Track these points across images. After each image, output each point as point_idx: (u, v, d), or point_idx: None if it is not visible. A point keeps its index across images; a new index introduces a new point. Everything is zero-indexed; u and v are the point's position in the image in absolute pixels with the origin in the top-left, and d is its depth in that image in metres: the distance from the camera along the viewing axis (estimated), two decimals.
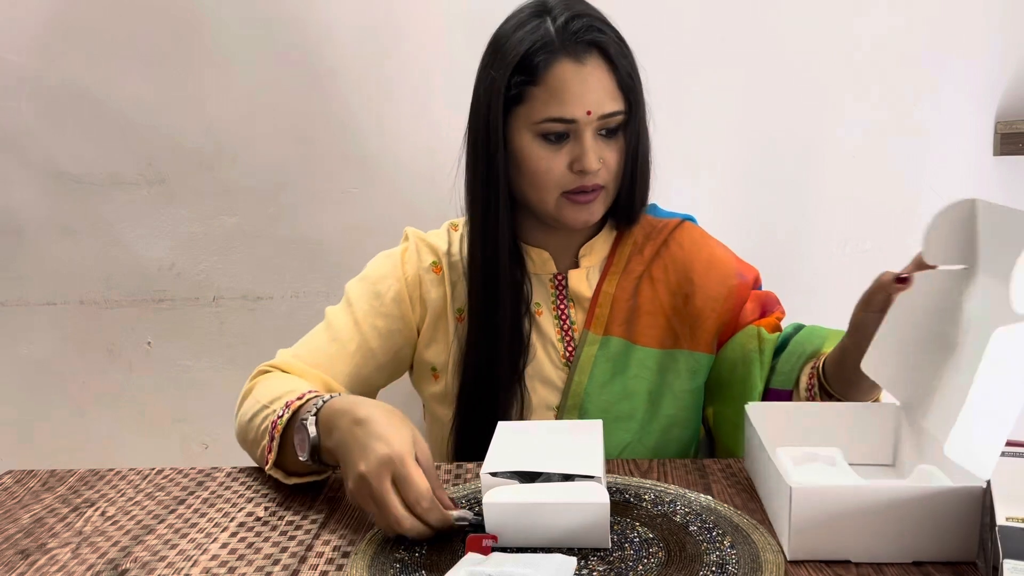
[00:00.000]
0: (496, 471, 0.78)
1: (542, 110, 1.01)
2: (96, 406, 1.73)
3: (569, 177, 1.03)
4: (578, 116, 1.00)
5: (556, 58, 1.00)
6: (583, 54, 1.00)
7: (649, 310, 1.11)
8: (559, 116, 1.00)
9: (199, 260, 1.67)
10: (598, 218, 1.07)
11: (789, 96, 1.59)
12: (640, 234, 1.14)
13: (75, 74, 1.60)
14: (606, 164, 1.04)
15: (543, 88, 1.01)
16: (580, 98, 1.00)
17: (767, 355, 1.09)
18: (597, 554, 0.75)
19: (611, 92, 1.01)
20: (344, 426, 0.83)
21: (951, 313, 0.82)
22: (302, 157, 1.62)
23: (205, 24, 1.57)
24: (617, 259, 1.13)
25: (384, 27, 1.57)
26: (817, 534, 0.72)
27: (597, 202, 1.05)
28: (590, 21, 1.02)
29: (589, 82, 1.00)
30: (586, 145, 1.01)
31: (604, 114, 1.01)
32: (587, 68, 1.00)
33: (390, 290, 1.11)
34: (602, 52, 1.01)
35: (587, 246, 1.13)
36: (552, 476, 0.78)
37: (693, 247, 1.13)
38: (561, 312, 1.12)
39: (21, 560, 0.80)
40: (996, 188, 1.63)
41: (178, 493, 0.94)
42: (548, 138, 1.02)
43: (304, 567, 0.76)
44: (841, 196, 1.62)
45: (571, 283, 1.12)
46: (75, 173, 1.64)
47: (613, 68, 1.01)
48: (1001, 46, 1.57)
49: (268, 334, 1.68)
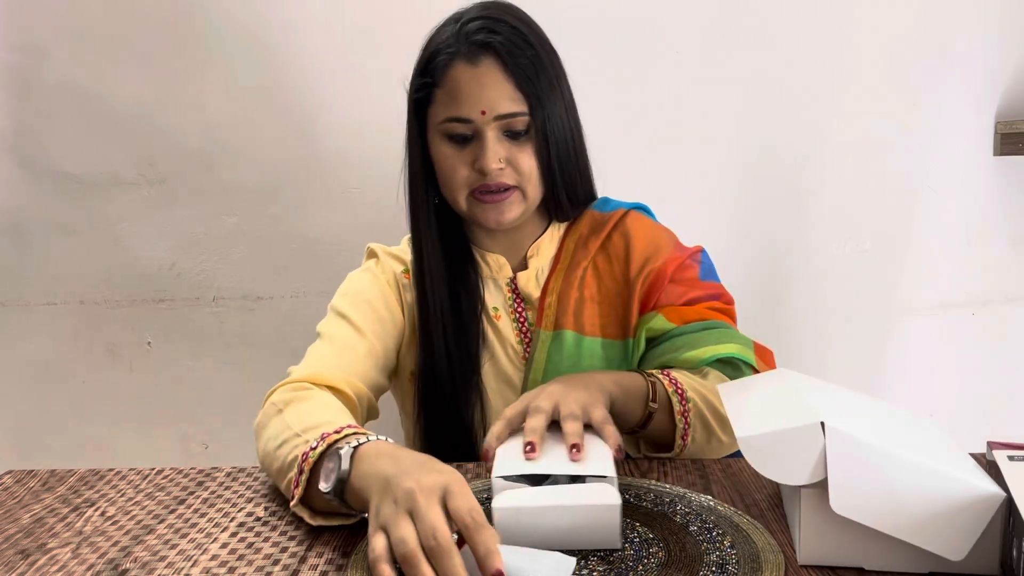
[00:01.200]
0: (506, 475, 0.77)
1: (443, 111, 1.04)
2: (96, 406, 1.73)
3: (474, 176, 1.05)
4: (473, 116, 1.02)
5: (452, 60, 1.03)
6: (477, 55, 1.02)
7: (595, 299, 1.11)
8: (456, 116, 1.03)
9: (199, 260, 1.67)
10: (514, 217, 1.07)
11: (789, 96, 1.59)
12: (586, 229, 1.14)
13: (75, 74, 1.60)
14: (513, 165, 1.04)
15: (443, 90, 1.04)
16: (474, 98, 1.02)
17: (641, 340, 1.08)
18: (597, 554, 0.75)
19: (508, 93, 1.02)
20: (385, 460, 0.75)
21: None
22: (302, 157, 1.62)
23: (205, 24, 1.57)
24: (563, 255, 1.14)
25: (384, 27, 1.57)
26: (829, 538, 0.71)
27: (510, 202, 1.06)
28: (487, 23, 1.03)
29: (483, 81, 1.02)
30: (486, 145, 1.03)
31: (500, 115, 1.02)
32: (480, 69, 1.02)
33: (377, 297, 1.13)
34: (496, 54, 1.02)
35: (534, 246, 1.14)
36: (560, 478, 0.78)
37: (634, 235, 1.12)
38: (518, 314, 1.13)
39: (21, 560, 0.80)
40: (996, 188, 1.63)
41: (178, 493, 0.94)
42: (454, 139, 1.05)
43: (304, 567, 0.76)
44: (841, 196, 1.62)
45: (520, 284, 1.13)
46: (75, 173, 1.64)
47: (509, 70, 1.02)
48: (1001, 46, 1.57)
49: (268, 334, 1.68)
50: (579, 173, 1.11)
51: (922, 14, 1.56)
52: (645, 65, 1.58)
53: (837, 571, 0.72)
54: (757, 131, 1.60)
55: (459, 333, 1.10)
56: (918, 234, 1.64)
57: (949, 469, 0.68)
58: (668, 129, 1.60)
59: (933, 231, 1.64)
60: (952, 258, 1.65)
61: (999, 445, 0.76)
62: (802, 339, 1.65)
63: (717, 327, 1.07)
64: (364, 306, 1.12)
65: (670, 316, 1.08)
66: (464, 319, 1.10)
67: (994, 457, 0.73)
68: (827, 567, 0.72)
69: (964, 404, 1.68)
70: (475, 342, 1.11)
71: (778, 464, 0.70)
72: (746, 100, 1.59)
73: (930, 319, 1.67)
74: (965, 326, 1.68)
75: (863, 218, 1.63)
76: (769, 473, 0.71)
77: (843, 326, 1.67)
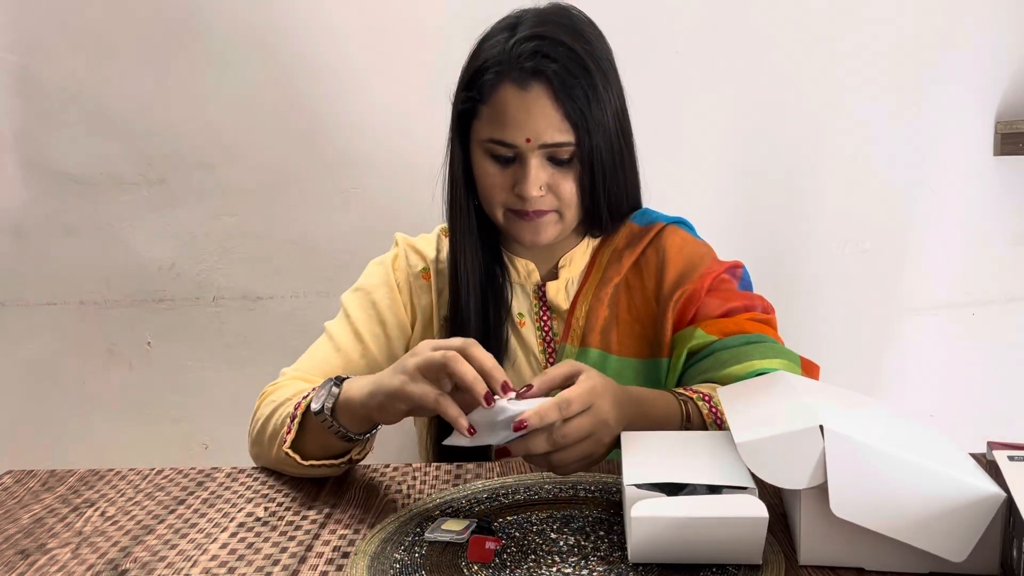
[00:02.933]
0: (640, 483, 0.73)
1: (487, 130, 1.01)
2: (96, 406, 1.73)
3: (513, 198, 1.03)
4: (518, 142, 0.99)
5: (501, 81, 0.99)
6: (528, 80, 0.97)
7: (625, 319, 1.09)
8: (500, 139, 1.00)
9: (199, 260, 1.67)
10: (550, 239, 1.05)
11: (789, 96, 1.59)
12: (621, 242, 1.11)
13: (75, 74, 1.60)
14: (555, 191, 1.02)
15: (489, 107, 1.00)
16: (521, 125, 0.98)
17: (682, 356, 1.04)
18: (597, 554, 0.75)
19: (555, 123, 0.98)
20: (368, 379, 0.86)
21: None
22: (302, 157, 1.62)
23: (205, 24, 1.57)
24: (596, 269, 1.11)
25: (384, 27, 1.57)
26: (829, 539, 0.71)
27: (547, 223, 1.04)
28: (542, 45, 0.98)
29: (532, 110, 0.97)
30: (528, 171, 0.99)
31: (546, 143, 0.99)
32: (530, 96, 0.97)
33: (385, 298, 1.12)
34: (548, 81, 0.97)
35: (566, 257, 1.12)
36: (699, 488, 0.73)
37: (669, 251, 1.09)
38: (543, 323, 1.11)
39: (21, 560, 0.80)
40: (996, 188, 1.63)
41: (178, 493, 0.94)
42: (496, 158, 1.02)
43: (304, 567, 0.76)
44: (841, 196, 1.62)
45: (549, 294, 1.11)
46: (75, 173, 1.64)
47: (558, 99, 0.97)
48: (1001, 46, 1.57)
49: (268, 334, 1.68)
50: (624, 190, 1.08)
51: (922, 14, 1.56)
52: (645, 65, 1.58)
53: (837, 571, 0.72)
54: (757, 131, 1.60)
55: (485, 336, 1.07)
56: (918, 234, 1.64)
57: (949, 470, 0.68)
58: (668, 129, 1.60)
59: (933, 231, 1.64)
60: (952, 258, 1.65)
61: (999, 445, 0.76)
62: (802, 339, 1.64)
63: (762, 341, 1.02)
64: (369, 308, 1.12)
65: (709, 329, 1.03)
66: (490, 322, 1.08)
67: (994, 457, 0.73)
68: (827, 567, 0.72)
69: (964, 404, 1.68)
70: (499, 347, 1.09)
71: (778, 468, 0.70)
72: (746, 100, 1.59)
73: (930, 319, 1.67)
74: (965, 326, 1.68)
75: (863, 218, 1.63)
76: (769, 478, 0.70)
77: (843, 326, 1.67)
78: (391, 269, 1.14)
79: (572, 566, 0.73)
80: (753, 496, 0.71)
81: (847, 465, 0.68)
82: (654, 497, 0.72)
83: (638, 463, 0.77)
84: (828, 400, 0.79)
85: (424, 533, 0.79)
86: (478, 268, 1.08)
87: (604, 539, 0.78)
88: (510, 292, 1.11)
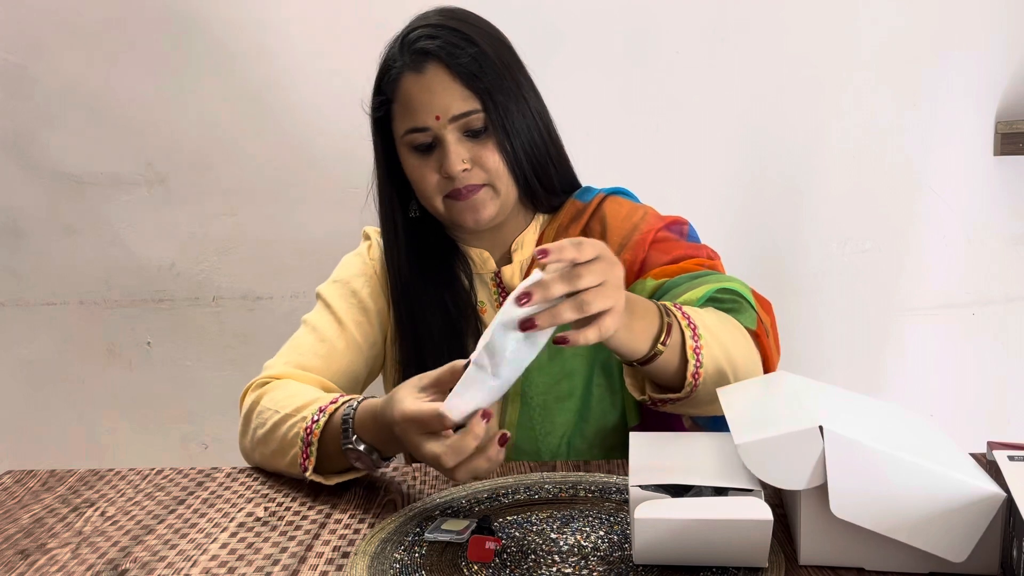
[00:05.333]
0: (644, 484, 0.72)
1: (402, 124, 1.05)
2: (96, 406, 1.73)
3: (443, 182, 1.05)
4: (429, 123, 1.03)
5: (401, 73, 1.04)
6: (421, 63, 1.03)
7: None
8: (413, 127, 1.04)
9: (199, 260, 1.67)
10: (490, 215, 1.07)
11: (789, 96, 1.59)
12: (566, 218, 1.13)
13: (75, 74, 1.60)
14: (479, 164, 1.04)
15: (398, 104, 1.06)
16: (426, 106, 1.02)
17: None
18: (597, 554, 0.75)
19: (458, 94, 1.02)
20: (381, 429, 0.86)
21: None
22: (302, 157, 1.62)
23: (205, 24, 1.57)
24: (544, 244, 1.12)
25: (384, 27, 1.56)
26: (829, 539, 0.71)
27: (483, 200, 1.06)
28: (425, 31, 1.05)
29: (433, 88, 1.02)
30: (447, 149, 1.03)
31: (454, 116, 1.02)
32: (427, 77, 1.03)
33: (364, 287, 1.14)
34: (437, 58, 1.02)
35: (517, 240, 1.13)
36: (704, 490, 0.73)
37: (612, 219, 1.11)
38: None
39: (21, 560, 0.80)
40: (996, 188, 1.63)
41: (178, 493, 0.94)
42: (418, 149, 1.05)
43: (304, 567, 0.76)
44: (841, 196, 1.62)
45: (504, 279, 1.13)
46: (75, 173, 1.65)
47: (454, 71, 1.02)
48: (1001, 46, 1.57)
49: (268, 334, 1.68)
50: (552, 162, 1.10)
51: (922, 14, 1.56)
52: (645, 65, 1.58)
53: (837, 571, 0.71)
54: (757, 131, 1.60)
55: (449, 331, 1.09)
56: (918, 234, 1.64)
57: (949, 470, 0.68)
58: (668, 129, 1.60)
59: (933, 231, 1.64)
60: (952, 258, 1.65)
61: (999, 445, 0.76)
62: (802, 339, 1.65)
63: (710, 273, 1.02)
64: (349, 297, 1.13)
65: (657, 277, 1.05)
66: (452, 317, 1.10)
67: (994, 457, 0.73)
68: (827, 567, 0.72)
69: (964, 404, 1.68)
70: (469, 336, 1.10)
71: (778, 470, 0.70)
72: (746, 100, 1.59)
73: (930, 319, 1.67)
74: (965, 326, 1.68)
75: (863, 218, 1.63)
76: (769, 479, 0.70)
77: (843, 326, 1.67)
78: (367, 257, 1.17)
79: (572, 566, 0.73)
80: (758, 498, 0.70)
81: (847, 466, 0.68)
82: (658, 499, 0.72)
83: (643, 464, 0.77)
84: (827, 400, 0.79)
85: (424, 533, 0.79)
86: (416, 275, 1.10)
87: (604, 539, 0.78)
88: (468, 282, 1.13)
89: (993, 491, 0.66)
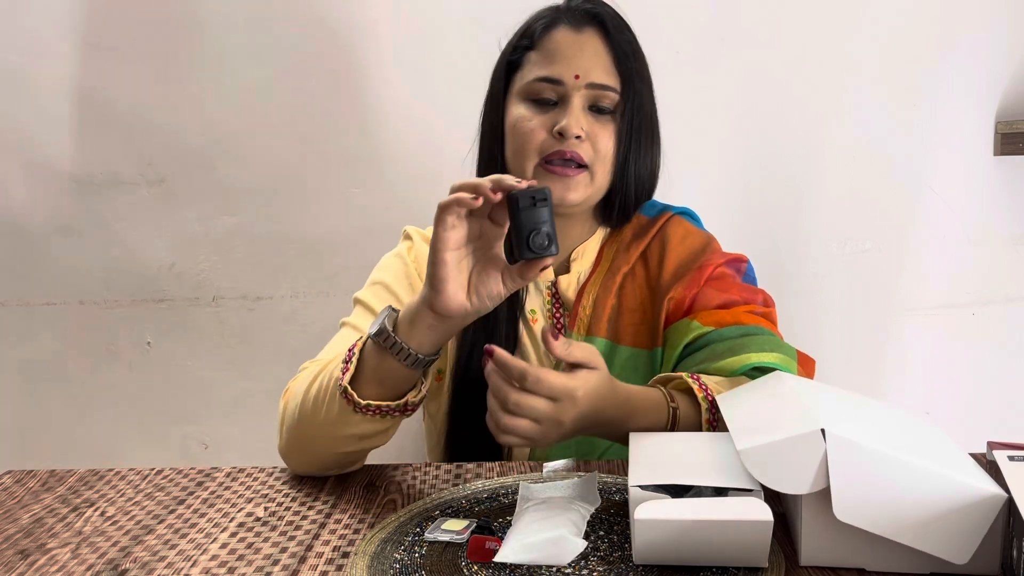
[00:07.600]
0: (644, 484, 0.73)
1: (534, 71, 1.04)
2: (96, 406, 1.73)
3: (550, 141, 1.02)
4: (565, 78, 1.01)
5: (555, 24, 1.05)
6: (581, 23, 1.03)
7: (631, 308, 1.08)
8: (547, 75, 1.02)
9: (199, 260, 1.67)
10: (577, 199, 1.03)
11: (789, 96, 1.59)
12: (629, 234, 1.12)
13: (75, 74, 1.60)
14: (592, 140, 1.02)
15: (539, 51, 1.04)
16: (571, 61, 1.02)
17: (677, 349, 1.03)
18: (597, 554, 0.75)
19: (605, 65, 1.03)
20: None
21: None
22: (302, 157, 1.62)
23: (205, 24, 1.57)
24: (603, 260, 1.11)
25: (385, 27, 1.57)
26: (830, 539, 0.71)
27: (578, 183, 1.03)
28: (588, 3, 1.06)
29: (584, 49, 1.02)
30: (571, 109, 1.01)
31: (593, 83, 1.01)
32: (583, 36, 1.03)
33: (406, 292, 1.10)
34: (600, 25, 1.03)
35: (578, 250, 1.12)
36: (704, 490, 0.73)
37: (673, 240, 1.10)
38: (556, 319, 1.11)
39: (21, 560, 0.80)
40: (996, 188, 1.63)
41: (178, 493, 0.94)
42: (537, 102, 1.04)
43: (304, 567, 0.76)
44: (841, 196, 1.62)
45: (560, 288, 1.11)
46: (75, 173, 1.64)
47: (610, 43, 1.03)
48: (1002, 46, 1.57)
49: (268, 334, 1.68)
50: (647, 171, 1.09)
51: (922, 14, 1.56)
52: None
53: (838, 572, 0.71)
54: (757, 131, 1.60)
55: (494, 334, 1.07)
56: (918, 234, 1.64)
57: (950, 471, 0.67)
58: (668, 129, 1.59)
59: (933, 231, 1.64)
60: (952, 258, 1.65)
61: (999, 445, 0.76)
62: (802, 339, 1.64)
63: (758, 334, 1.00)
64: (391, 299, 1.10)
65: (704, 320, 1.02)
66: (499, 320, 1.07)
67: (994, 457, 0.73)
68: (828, 568, 0.72)
69: (964, 404, 1.68)
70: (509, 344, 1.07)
71: (781, 474, 0.70)
72: (746, 100, 1.59)
73: (930, 319, 1.67)
74: (965, 326, 1.68)
75: (863, 218, 1.63)
76: (771, 483, 0.70)
77: (843, 326, 1.67)
78: (407, 258, 1.13)
79: (572, 566, 0.73)
80: (758, 499, 0.70)
81: (849, 469, 0.68)
82: (658, 499, 0.72)
83: (643, 464, 0.77)
84: (828, 402, 0.78)
85: (424, 533, 0.79)
86: None
87: (604, 539, 0.78)
88: (523, 289, 1.10)
89: (995, 492, 0.66)
